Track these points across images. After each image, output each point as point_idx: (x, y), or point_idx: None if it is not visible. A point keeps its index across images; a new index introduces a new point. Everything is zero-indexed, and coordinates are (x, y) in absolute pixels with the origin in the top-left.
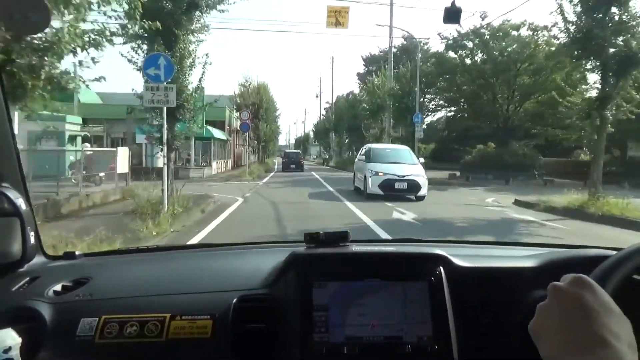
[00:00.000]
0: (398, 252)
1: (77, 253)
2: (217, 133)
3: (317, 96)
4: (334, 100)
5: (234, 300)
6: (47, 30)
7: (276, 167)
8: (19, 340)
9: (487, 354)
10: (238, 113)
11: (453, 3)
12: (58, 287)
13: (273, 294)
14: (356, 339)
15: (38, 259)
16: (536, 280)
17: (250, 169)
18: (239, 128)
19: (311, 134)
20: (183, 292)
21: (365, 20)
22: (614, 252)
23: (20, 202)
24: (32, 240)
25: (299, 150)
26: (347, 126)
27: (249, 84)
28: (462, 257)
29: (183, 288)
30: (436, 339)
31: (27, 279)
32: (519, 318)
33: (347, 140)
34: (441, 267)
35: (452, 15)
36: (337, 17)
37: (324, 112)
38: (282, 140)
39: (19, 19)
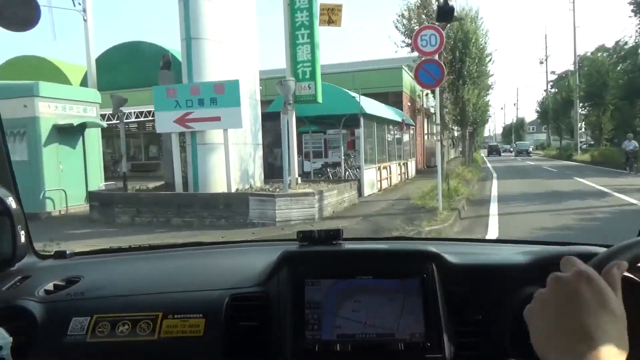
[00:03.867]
0: (390, 250)
1: (67, 252)
2: (381, 110)
3: (541, 62)
4: (575, 57)
5: (227, 299)
6: None
7: (492, 171)
8: (10, 339)
9: (479, 350)
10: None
11: (446, 1)
12: (49, 286)
13: (266, 292)
14: (348, 337)
15: (29, 258)
16: (526, 277)
17: (451, 184)
18: (415, 77)
19: (528, 117)
20: (175, 291)
21: None
22: (604, 249)
23: (10, 201)
24: (23, 239)
25: (497, 143)
26: (622, 93)
27: None
28: (454, 255)
29: (175, 286)
30: (428, 335)
31: (18, 278)
32: (510, 314)
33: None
34: (433, 265)
35: (445, 14)
36: (329, 15)
37: (550, 86)
38: (485, 131)
39: (8, 15)
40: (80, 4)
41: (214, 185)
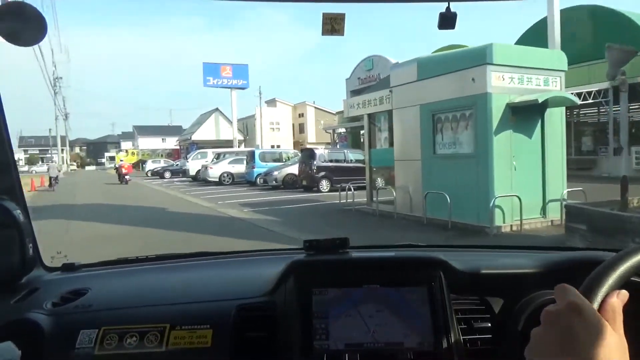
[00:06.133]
0: (398, 258)
1: (75, 264)
2: None
3: None
4: None
5: (234, 309)
6: None
7: None
8: (19, 353)
9: (489, 359)
10: None
11: (448, 8)
12: (57, 299)
13: (273, 302)
14: (357, 346)
15: (37, 271)
16: (536, 284)
17: None
18: None
19: None
20: (182, 302)
21: None
22: (612, 254)
23: (18, 214)
24: (31, 252)
25: None
26: None
27: None
28: (462, 262)
29: (182, 297)
30: (437, 344)
31: (26, 291)
32: (519, 322)
33: None
34: (441, 272)
35: (448, 21)
36: (332, 25)
37: None
38: None
39: (14, 30)
40: None
41: None
